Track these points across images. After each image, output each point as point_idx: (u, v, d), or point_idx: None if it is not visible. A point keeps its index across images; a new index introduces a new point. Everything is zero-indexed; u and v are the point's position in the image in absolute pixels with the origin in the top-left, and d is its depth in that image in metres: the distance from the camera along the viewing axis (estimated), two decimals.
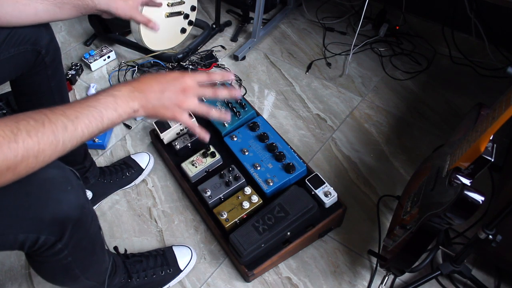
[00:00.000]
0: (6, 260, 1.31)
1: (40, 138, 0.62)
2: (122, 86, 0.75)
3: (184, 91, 0.80)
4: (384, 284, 1.21)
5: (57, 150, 0.65)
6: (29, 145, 0.61)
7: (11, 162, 0.59)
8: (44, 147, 0.63)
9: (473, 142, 0.84)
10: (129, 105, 0.74)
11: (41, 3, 0.93)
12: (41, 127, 0.63)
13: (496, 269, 1.26)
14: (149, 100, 0.76)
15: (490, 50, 1.76)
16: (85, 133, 0.68)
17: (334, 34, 2.03)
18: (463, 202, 0.83)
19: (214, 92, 0.83)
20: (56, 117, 0.65)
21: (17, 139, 0.60)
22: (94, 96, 0.71)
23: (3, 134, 0.59)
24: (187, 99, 0.80)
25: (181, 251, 1.26)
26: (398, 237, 1.08)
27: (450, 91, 1.76)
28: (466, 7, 1.71)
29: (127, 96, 0.74)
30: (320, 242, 1.33)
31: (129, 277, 1.15)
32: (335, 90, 1.78)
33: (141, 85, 0.77)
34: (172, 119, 0.81)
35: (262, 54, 1.94)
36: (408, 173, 1.49)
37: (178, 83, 0.80)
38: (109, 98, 0.72)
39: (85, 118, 0.68)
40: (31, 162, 0.62)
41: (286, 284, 1.25)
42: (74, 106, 0.68)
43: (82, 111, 0.68)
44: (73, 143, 0.67)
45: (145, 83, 0.77)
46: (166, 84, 0.79)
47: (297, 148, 1.56)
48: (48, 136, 0.63)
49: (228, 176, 1.31)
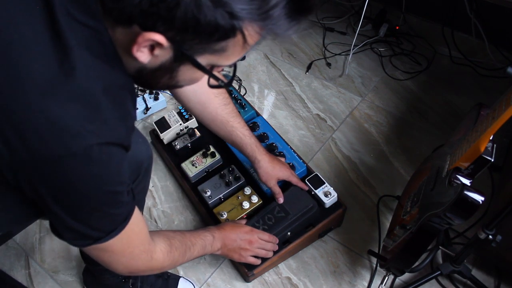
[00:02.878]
0: (6, 260, 1.31)
1: (180, 254, 0.92)
2: (216, 230, 1.07)
3: (250, 242, 1.13)
4: (384, 284, 1.20)
5: (182, 263, 0.96)
6: (175, 257, 0.90)
7: (166, 267, 0.89)
8: (179, 261, 0.93)
9: (473, 142, 0.84)
10: (217, 245, 1.06)
11: (221, 110, 1.11)
12: (185, 250, 0.94)
13: (496, 269, 1.26)
14: (227, 244, 1.09)
15: (490, 50, 1.76)
16: (194, 256, 0.99)
17: (334, 34, 2.03)
18: (463, 202, 0.83)
19: (267, 252, 1.17)
20: (185, 242, 0.94)
21: (172, 251, 0.89)
22: (202, 233, 1.03)
23: (168, 248, 0.88)
24: (250, 248, 1.13)
25: (185, 287, 1.23)
26: (398, 237, 1.08)
27: (450, 91, 1.76)
28: (466, 7, 1.71)
29: (217, 239, 1.06)
30: (320, 242, 1.33)
31: (128, 277, 1.15)
32: (335, 90, 1.78)
33: (225, 233, 1.09)
34: (238, 260, 1.14)
35: (262, 54, 1.94)
36: (408, 173, 1.49)
37: (247, 236, 1.12)
38: (209, 237, 1.04)
39: (197, 246, 0.99)
40: (170, 267, 0.92)
41: (286, 284, 1.25)
42: (191, 236, 0.99)
43: (195, 241, 0.98)
44: (189, 259, 0.98)
45: (226, 233, 1.09)
46: (239, 236, 1.11)
47: (297, 148, 1.56)
48: (181, 253, 0.92)
49: (228, 176, 1.31)
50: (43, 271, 1.28)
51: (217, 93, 1.08)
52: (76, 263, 1.29)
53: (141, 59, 0.59)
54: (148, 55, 0.59)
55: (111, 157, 0.62)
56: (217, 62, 0.62)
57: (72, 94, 0.57)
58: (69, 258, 1.31)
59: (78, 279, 1.26)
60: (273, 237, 1.18)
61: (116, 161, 0.63)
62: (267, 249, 1.16)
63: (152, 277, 1.18)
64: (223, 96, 1.10)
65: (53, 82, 0.56)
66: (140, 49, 0.57)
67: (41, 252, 1.32)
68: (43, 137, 0.56)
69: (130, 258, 0.79)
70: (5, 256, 1.31)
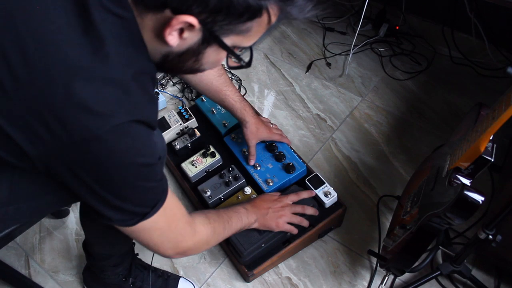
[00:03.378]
0: (6, 260, 1.31)
1: (219, 226, 0.98)
2: (247, 204, 1.13)
3: (282, 208, 1.16)
4: (384, 284, 1.20)
5: (224, 236, 1.01)
6: (216, 229, 0.96)
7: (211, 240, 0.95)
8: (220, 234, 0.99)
9: (473, 142, 0.83)
10: (252, 217, 1.11)
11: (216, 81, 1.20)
12: (223, 222, 1.00)
13: (496, 269, 1.26)
14: (262, 215, 1.13)
15: (490, 50, 1.76)
16: (234, 228, 1.04)
17: (334, 34, 2.03)
18: (463, 202, 0.83)
19: (301, 219, 1.19)
20: (221, 215, 1.00)
21: (211, 222, 0.94)
22: (234, 207, 1.09)
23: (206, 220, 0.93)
24: (285, 214, 1.16)
25: (185, 287, 1.23)
26: (398, 237, 1.08)
27: (450, 91, 1.76)
28: (466, 7, 1.70)
29: (251, 211, 1.11)
30: (320, 242, 1.33)
31: (128, 275, 1.15)
32: (335, 90, 1.78)
33: (256, 205, 1.14)
34: (276, 228, 1.15)
35: (262, 54, 1.94)
36: (408, 173, 1.49)
37: (278, 202, 1.17)
38: (243, 210, 1.09)
39: (233, 218, 1.04)
40: (214, 240, 0.97)
41: (286, 284, 1.25)
42: (225, 211, 1.04)
43: (230, 215, 1.04)
44: (230, 233, 1.03)
45: (258, 203, 1.15)
46: (271, 204, 1.16)
47: (297, 148, 1.56)
48: (220, 225, 0.98)
49: (228, 176, 1.31)
50: (43, 271, 1.28)
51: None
52: (76, 263, 1.29)
53: (171, 43, 0.62)
54: (177, 38, 0.62)
55: (142, 132, 0.66)
56: (240, 43, 0.66)
57: (106, 79, 0.61)
58: (69, 258, 1.31)
59: (78, 279, 1.26)
60: (305, 192, 1.23)
61: (147, 136, 0.67)
62: (302, 212, 1.19)
63: (153, 276, 1.18)
64: (218, 68, 1.19)
65: (89, 68, 0.59)
66: (171, 32, 0.61)
67: (41, 252, 1.32)
68: (81, 119, 0.59)
69: (177, 234, 0.84)
70: (5, 256, 1.31)
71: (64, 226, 1.37)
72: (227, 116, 1.44)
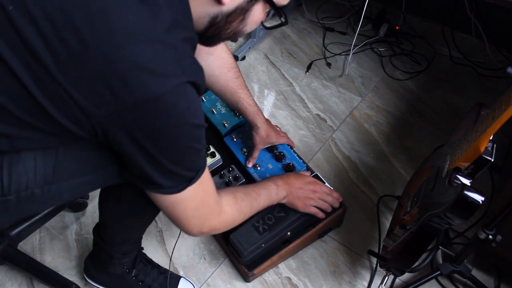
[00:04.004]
0: None
1: (246, 205, 1.00)
2: (279, 180, 1.12)
3: (314, 192, 1.17)
4: (384, 284, 1.20)
5: (251, 214, 1.03)
6: (242, 208, 0.98)
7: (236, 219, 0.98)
8: (247, 212, 1.01)
9: (473, 142, 0.84)
10: (282, 193, 1.11)
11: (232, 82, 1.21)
12: (251, 201, 1.01)
13: (496, 269, 1.26)
14: (292, 192, 1.13)
15: (490, 50, 1.76)
16: (261, 206, 1.05)
17: (334, 34, 2.03)
18: (463, 202, 0.83)
19: (328, 206, 1.21)
20: (249, 193, 1.02)
21: (238, 202, 0.97)
22: (264, 183, 1.10)
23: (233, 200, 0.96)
24: (314, 197, 1.17)
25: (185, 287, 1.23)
26: (398, 237, 1.08)
27: (450, 91, 1.76)
28: (466, 7, 1.71)
29: (282, 188, 1.11)
30: (320, 242, 1.33)
31: (132, 268, 1.15)
32: (335, 90, 1.78)
33: (289, 181, 1.14)
34: (302, 209, 1.16)
35: (262, 54, 1.94)
36: (408, 173, 1.49)
37: (311, 186, 1.18)
38: (273, 187, 1.09)
39: (262, 195, 1.05)
40: (239, 219, 0.99)
41: (286, 284, 1.25)
42: (255, 188, 1.05)
43: (260, 192, 1.05)
44: (257, 210, 1.05)
45: (291, 181, 1.15)
46: (304, 185, 1.16)
47: (297, 148, 1.56)
48: (247, 204, 1.00)
49: (228, 176, 1.31)
50: None
51: (230, 67, 1.19)
52: (76, 263, 1.29)
53: (225, 1, 0.69)
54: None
55: (195, 94, 0.70)
56: (278, 1, 0.73)
57: (165, 42, 0.65)
58: (69, 258, 1.31)
59: (78, 279, 1.26)
60: (334, 192, 1.23)
61: (197, 98, 0.71)
62: (328, 202, 1.20)
63: (155, 272, 1.18)
64: (235, 70, 1.21)
65: (149, 32, 0.64)
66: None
67: (41, 252, 1.32)
68: (144, 80, 0.63)
69: (206, 211, 0.87)
70: None
71: (64, 226, 1.37)
72: (227, 116, 1.44)
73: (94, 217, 1.38)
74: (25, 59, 0.62)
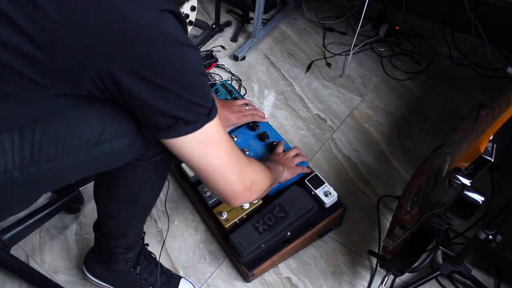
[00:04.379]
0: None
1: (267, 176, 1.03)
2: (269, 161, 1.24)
3: (290, 158, 1.32)
4: (384, 284, 1.20)
5: (267, 186, 1.03)
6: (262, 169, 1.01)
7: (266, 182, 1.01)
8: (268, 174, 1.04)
9: (473, 142, 0.84)
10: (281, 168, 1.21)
11: None
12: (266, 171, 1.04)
13: (496, 269, 1.26)
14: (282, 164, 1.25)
15: (490, 50, 1.76)
16: (273, 180, 1.09)
17: (334, 34, 2.03)
18: (463, 202, 0.83)
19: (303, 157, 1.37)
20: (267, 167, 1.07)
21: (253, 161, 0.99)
22: (274, 163, 1.19)
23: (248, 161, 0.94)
24: (293, 160, 1.32)
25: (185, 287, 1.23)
26: (398, 237, 1.08)
27: (450, 91, 1.76)
28: (466, 7, 1.71)
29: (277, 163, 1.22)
30: (320, 242, 1.33)
31: (136, 265, 1.15)
32: (335, 90, 1.78)
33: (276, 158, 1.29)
34: (295, 171, 1.29)
35: (262, 54, 1.94)
36: (408, 173, 1.49)
37: (284, 155, 1.32)
38: (280, 167, 1.21)
39: (274, 171, 1.12)
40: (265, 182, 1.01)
41: (286, 284, 1.25)
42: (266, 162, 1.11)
43: (272, 168, 1.11)
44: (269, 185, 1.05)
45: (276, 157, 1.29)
46: (282, 155, 1.31)
47: None
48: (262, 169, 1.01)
49: None
50: (43, 271, 1.28)
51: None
52: (76, 263, 1.29)
53: None
54: None
55: (177, 23, 0.72)
56: None
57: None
58: (69, 258, 1.31)
59: (78, 279, 1.26)
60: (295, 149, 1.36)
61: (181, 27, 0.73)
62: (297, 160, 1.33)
63: (158, 271, 1.18)
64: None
65: None
66: None
67: (41, 252, 1.32)
68: (133, 6, 0.66)
69: (238, 157, 0.86)
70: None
71: (64, 226, 1.37)
72: None
73: (94, 217, 1.38)
74: (27, 10, 0.65)
